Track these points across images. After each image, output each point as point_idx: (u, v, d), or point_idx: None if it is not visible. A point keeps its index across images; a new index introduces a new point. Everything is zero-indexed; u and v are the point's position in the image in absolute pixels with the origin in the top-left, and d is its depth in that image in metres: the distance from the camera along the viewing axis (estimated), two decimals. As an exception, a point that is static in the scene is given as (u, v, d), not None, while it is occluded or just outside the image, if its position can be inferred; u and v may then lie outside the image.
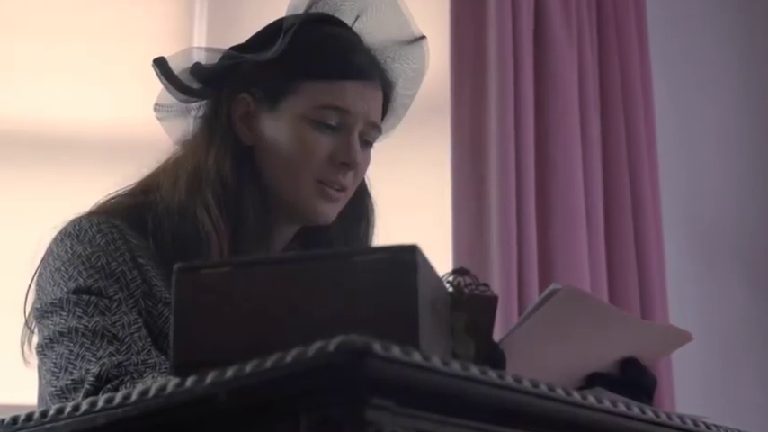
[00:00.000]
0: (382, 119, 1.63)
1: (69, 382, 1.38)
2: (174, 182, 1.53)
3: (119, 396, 0.94)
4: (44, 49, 2.95)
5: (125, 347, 1.39)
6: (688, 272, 3.22)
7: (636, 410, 1.07)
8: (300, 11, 1.58)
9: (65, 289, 1.44)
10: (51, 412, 0.98)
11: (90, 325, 1.40)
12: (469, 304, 1.13)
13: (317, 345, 0.82)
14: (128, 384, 1.34)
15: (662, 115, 3.19)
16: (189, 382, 0.90)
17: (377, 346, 0.81)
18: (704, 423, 1.20)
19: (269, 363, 0.85)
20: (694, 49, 3.39)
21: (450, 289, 1.13)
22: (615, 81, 3.10)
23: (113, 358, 1.37)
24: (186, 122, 1.63)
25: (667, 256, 3.09)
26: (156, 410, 0.92)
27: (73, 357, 1.39)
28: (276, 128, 1.55)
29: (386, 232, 1.67)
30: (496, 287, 2.74)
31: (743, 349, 3.25)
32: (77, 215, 1.53)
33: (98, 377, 1.35)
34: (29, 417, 1.00)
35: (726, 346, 3.22)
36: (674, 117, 3.30)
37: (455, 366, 0.87)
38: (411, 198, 2.94)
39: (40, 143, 2.91)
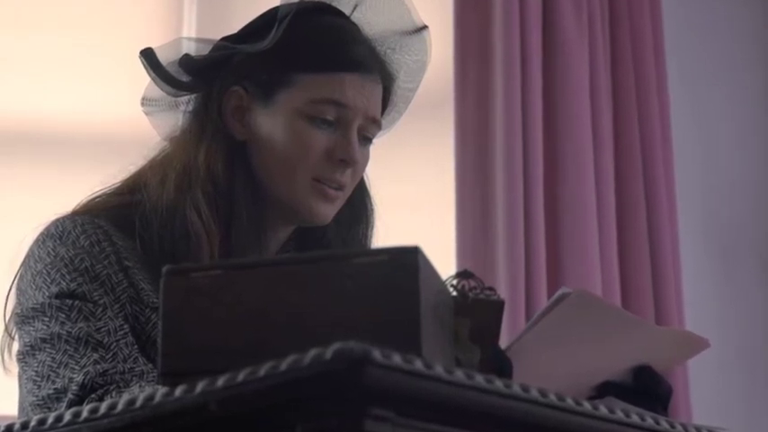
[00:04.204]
0: (382, 113, 1.63)
1: (52, 391, 1.38)
2: (163, 180, 1.53)
3: (104, 406, 0.94)
4: (29, 43, 2.94)
5: (110, 355, 1.38)
6: (705, 274, 3.22)
7: (650, 421, 1.07)
8: (296, -1, 1.58)
9: (47, 293, 1.43)
10: (32, 423, 0.98)
11: (73, 331, 1.40)
12: (474, 309, 1.13)
13: (313, 352, 0.82)
14: (113, 394, 1.34)
15: (677, 111, 3.18)
16: (178, 391, 0.90)
17: (376, 354, 0.81)
18: (722, 435, 1.21)
19: (263, 371, 0.85)
20: (711, 43, 3.39)
21: (454, 293, 1.12)
22: (628, 74, 3.10)
23: (98, 366, 1.37)
24: (175, 117, 1.62)
25: (683, 258, 3.08)
26: (144, 421, 0.92)
27: (55, 365, 1.39)
28: (270, 123, 1.55)
29: (386, 233, 1.67)
30: (503, 291, 2.74)
31: (763, 356, 3.25)
32: (60, 215, 1.52)
33: (82, 386, 1.35)
34: (9, 428, 1.00)
35: (745, 353, 3.22)
36: (690, 113, 3.29)
37: (459, 375, 0.87)
38: (412, 197, 2.94)
39: (24, 139, 2.91)
